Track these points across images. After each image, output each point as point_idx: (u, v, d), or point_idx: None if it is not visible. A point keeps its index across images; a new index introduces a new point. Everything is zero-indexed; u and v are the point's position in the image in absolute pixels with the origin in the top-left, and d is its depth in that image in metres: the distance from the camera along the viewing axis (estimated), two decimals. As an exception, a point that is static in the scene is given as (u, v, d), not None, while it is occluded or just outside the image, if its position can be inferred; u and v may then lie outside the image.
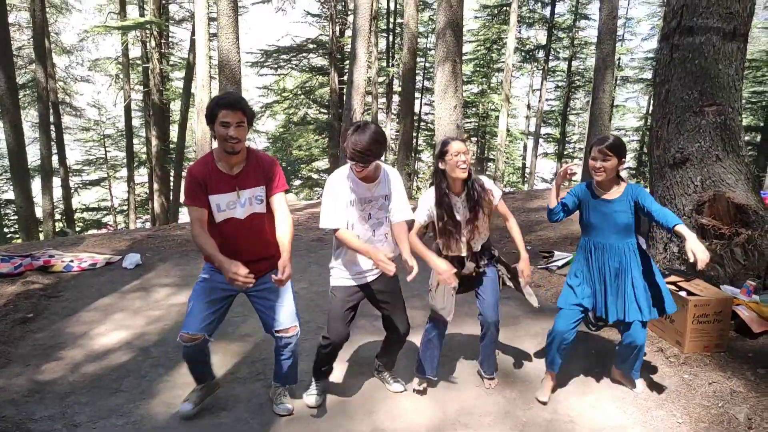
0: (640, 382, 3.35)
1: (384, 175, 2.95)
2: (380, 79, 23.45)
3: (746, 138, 18.11)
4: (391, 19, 23.16)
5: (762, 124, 18.58)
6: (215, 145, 2.81)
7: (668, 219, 2.82)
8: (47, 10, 19.50)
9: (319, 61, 22.49)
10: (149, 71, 18.69)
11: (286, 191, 2.91)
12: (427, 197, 3.12)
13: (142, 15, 18.76)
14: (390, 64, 22.88)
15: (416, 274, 2.73)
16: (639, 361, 3.23)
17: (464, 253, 3.17)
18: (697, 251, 2.63)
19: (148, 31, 18.18)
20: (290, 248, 2.77)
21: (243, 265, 2.53)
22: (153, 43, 18.33)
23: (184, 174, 14.15)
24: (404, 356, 3.59)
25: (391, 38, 23.29)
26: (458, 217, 3.10)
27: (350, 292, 3.00)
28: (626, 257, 3.04)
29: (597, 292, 3.12)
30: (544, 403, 3.23)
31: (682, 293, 3.69)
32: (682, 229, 2.74)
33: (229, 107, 2.62)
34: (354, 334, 4.13)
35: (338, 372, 3.55)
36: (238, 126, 2.64)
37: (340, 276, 3.03)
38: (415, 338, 4.10)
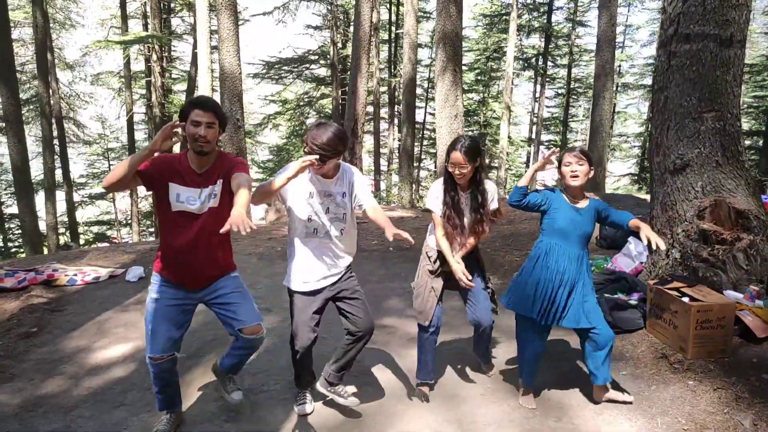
0: (620, 394, 3.31)
1: (342, 173, 2.98)
2: (382, 89, 23.57)
3: (748, 142, 18.17)
4: (393, 29, 23.29)
5: (763, 129, 18.56)
6: None
7: (622, 218, 3.10)
8: (51, 25, 19.71)
9: (320, 71, 22.64)
10: (151, 85, 18.83)
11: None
12: (436, 187, 3.28)
13: (145, 29, 18.93)
14: (392, 74, 22.98)
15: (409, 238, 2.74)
16: (609, 364, 3.19)
17: (459, 253, 3.26)
18: (651, 236, 2.83)
19: (149, 45, 18.34)
20: (242, 207, 2.39)
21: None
22: (155, 57, 18.48)
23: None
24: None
25: (393, 48, 23.41)
26: (464, 213, 3.22)
27: (310, 295, 3.00)
28: (582, 268, 3.11)
29: (553, 297, 3.11)
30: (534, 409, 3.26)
31: (685, 299, 3.69)
32: (635, 221, 3.02)
33: (201, 107, 2.65)
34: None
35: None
36: (208, 126, 2.65)
37: (298, 280, 3.01)
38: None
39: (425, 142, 26.80)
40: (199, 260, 2.79)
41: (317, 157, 2.70)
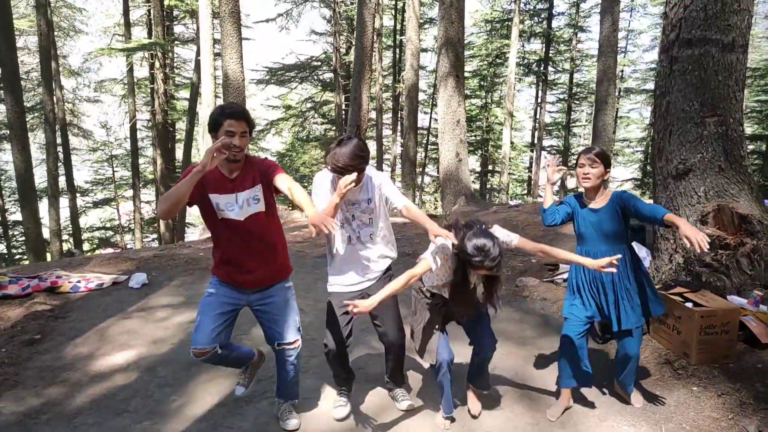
0: (637, 396, 3.32)
1: (366, 179, 2.99)
2: (386, 95, 23.63)
3: (751, 147, 18.13)
4: (397, 36, 23.35)
5: (766, 133, 18.53)
6: None
7: (656, 212, 2.84)
8: (55, 33, 19.84)
9: (323, 78, 22.69)
10: (154, 92, 18.92)
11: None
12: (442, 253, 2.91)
13: (149, 37, 19.03)
14: (396, 80, 23.04)
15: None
16: (632, 374, 3.23)
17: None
18: (691, 235, 2.60)
19: (152, 53, 18.43)
20: (311, 203, 2.62)
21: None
22: (157, 65, 18.57)
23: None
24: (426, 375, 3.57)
25: (398, 54, 23.47)
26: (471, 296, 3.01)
27: (346, 298, 3.03)
28: (619, 266, 3.03)
29: (596, 302, 3.15)
30: (552, 421, 3.22)
31: (689, 304, 3.68)
32: (672, 217, 2.75)
33: (234, 117, 2.67)
34: (367, 350, 4.14)
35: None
36: (242, 136, 2.69)
37: (335, 283, 3.10)
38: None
39: (430, 148, 26.82)
40: (252, 263, 2.86)
41: (354, 176, 2.67)
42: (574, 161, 3.22)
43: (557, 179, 3.20)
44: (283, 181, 2.74)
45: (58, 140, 18.19)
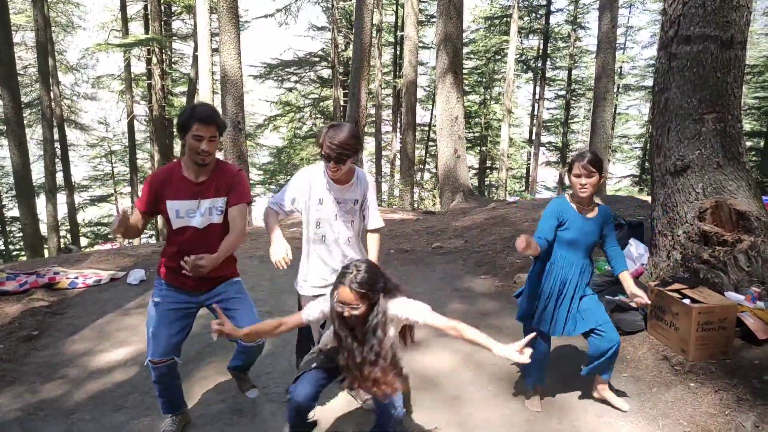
0: (622, 400, 3.29)
1: (357, 180, 2.97)
2: (386, 92, 23.58)
3: (749, 143, 18.14)
4: (398, 32, 23.28)
5: (765, 130, 18.55)
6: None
7: (616, 262, 3.15)
8: (52, 29, 19.75)
9: (322, 73, 22.65)
10: (152, 87, 18.87)
11: (249, 203, 2.84)
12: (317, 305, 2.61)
13: (147, 32, 18.97)
14: (396, 77, 22.99)
15: None
16: (613, 363, 3.20)
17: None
18: (635, 292, 2.98)
19: (150, 48, 18.38)
20: (223, 255, 2.66)
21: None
22: (155, 60, 18.52)
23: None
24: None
25: (398, 50, 23.41)
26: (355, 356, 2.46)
27: (311, 300, 2.96)
28: (582, 274, 3.12)
29: (558, 307, 3.13)
30: (538, 411, 3.26)
31: (686, 301, 3.68)
32: (624, 276, 3.11)
33: (203, 121, 2.59)
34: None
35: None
36: (210, 140, 2.63)
37: (305, 284, 3.05)
38: (421, 351, 4.10)
39: (430, 144, 26.80)
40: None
41: (283, 265, 2.72)
42: (567, 165, 3.15)
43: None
44: (231, 211, 2.75)
45: (56, 136, 18.14)
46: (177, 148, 21.04)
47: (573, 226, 3.08)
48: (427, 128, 25.65)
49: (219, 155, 2.84)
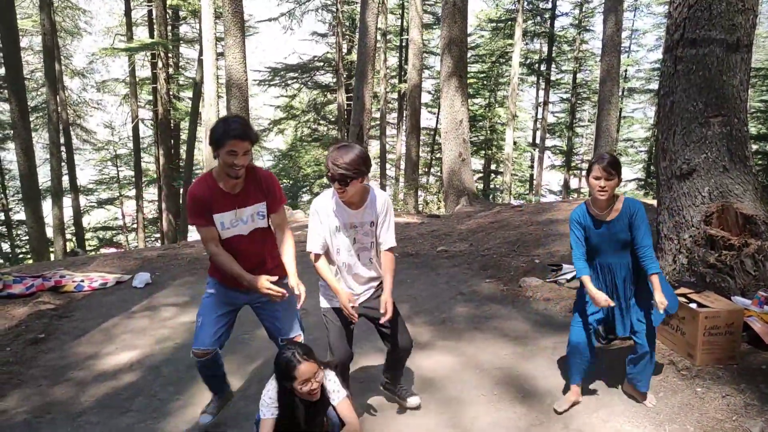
0: (650, 396, 3.33)
1: (371, 201, 2.89)
2: (392, 96, 23.60)
3: (755, 147, 18.05)
4: (404, 36, 23.31)
5: (771, 133, 18.47)
6: (215, 163, 2.85)
7: (647, 261, 3.00)
8: (59, 34, 19.88)
9: (326, 78, 22.71)
10: (157, 92, 18.96)
11: (285, 203, 3.01)
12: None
13: (151, 36, 19.07)
14: (401, 81, 23.02)
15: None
16: (648, 373, 3.23)
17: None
18: (664, 302, 2.90)
19: (155, 53, 18.47)
20: (294, 263, 2.86)
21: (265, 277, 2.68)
22: (160, 64, 18.60)
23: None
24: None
25: (404, 54, 23.43)
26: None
27: (340, 314, 2.97)
28: (627, 272, 3.11)
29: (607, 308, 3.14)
30: (559, 413, 3.23)
31: (693, 305, 3.66)
32: (654, 279, 2.97)
33: (238, 137, 2.60)
34: (358, 356, 4.13)
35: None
36: (244, 154, 2.65)
37: (331, 297, 3.00)
38: (422, 354, 4.10)
39: (435, 148, 26.80)
40: (249, 266, 2.83)
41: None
42: (586, 167, 3.16)
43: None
44: (275, 218, 2.88)
45: (62, 140, 18.23)
46: (182, 152, 21.11)
47: (593, 234, 3.10)
48: (432, 132, 25.66)
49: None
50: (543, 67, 25.53)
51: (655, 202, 5.49)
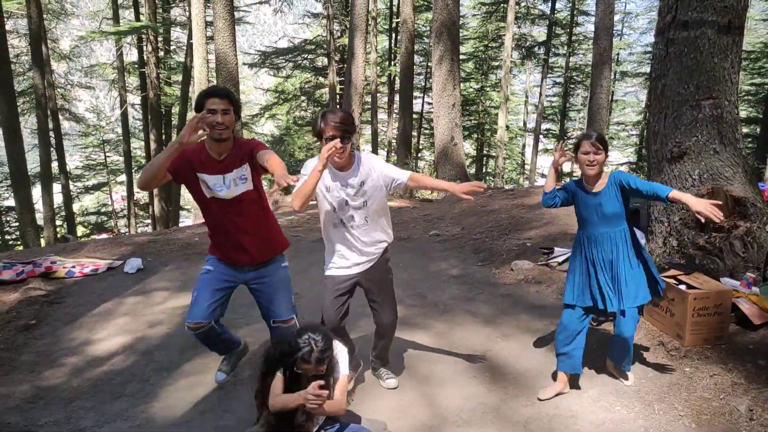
0: (630, 375, 3.37)
1: (357, 162, 3.01)
2: (382, 80, 23.44)
3: (745, 130, 18.15)
4: (395, 19, 23.09)
5: (761, 116, 18.54)
6: None
7: (658, 190, 2.89)
8: (45, 16, 19.51)
9: (317, 61, 22.50)
10: (146, 76, 18.72)
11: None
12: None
13: (137, 19, 18.78)
14: (392, 64, 22.85)
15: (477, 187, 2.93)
16: (628, 354, 3.27)
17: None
18: (702, 210, 2.71)
19: (144, 36, 18.20)
20: (282, 168, 2.64)
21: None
22: (150, 48, 18.34)
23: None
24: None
25: (394, 38, 23.24)
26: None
27: (340, 280, 3.09)
28: (618, 246, 3.12)
29: (592, 284, 3.17)
30: (541, 400, 3.25)
31: (682, 287, 3.70)
32: (677, 194, 2.83)
33: (216, 95, 2.77)
34: (355, 333, 4.16)
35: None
36: (224, 113, 2.76)
37: (331, 266, 3.13)
38: (409, 335, 4.13)
39: (425, 131, 26.71)
40: (245, 239, 2.94)
41: (338, 140, 2.74)
42: (573, 146, 3.19)
43: (563, 162, 3.20)
44: (261, 155, 2.80)
45: (50, 125, 18.00)
46: (173, 137, 20.91)
47: (581, 203, 3.18)
48: (423, 115, 25.56)
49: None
50: (540, 50, 25.35)
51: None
